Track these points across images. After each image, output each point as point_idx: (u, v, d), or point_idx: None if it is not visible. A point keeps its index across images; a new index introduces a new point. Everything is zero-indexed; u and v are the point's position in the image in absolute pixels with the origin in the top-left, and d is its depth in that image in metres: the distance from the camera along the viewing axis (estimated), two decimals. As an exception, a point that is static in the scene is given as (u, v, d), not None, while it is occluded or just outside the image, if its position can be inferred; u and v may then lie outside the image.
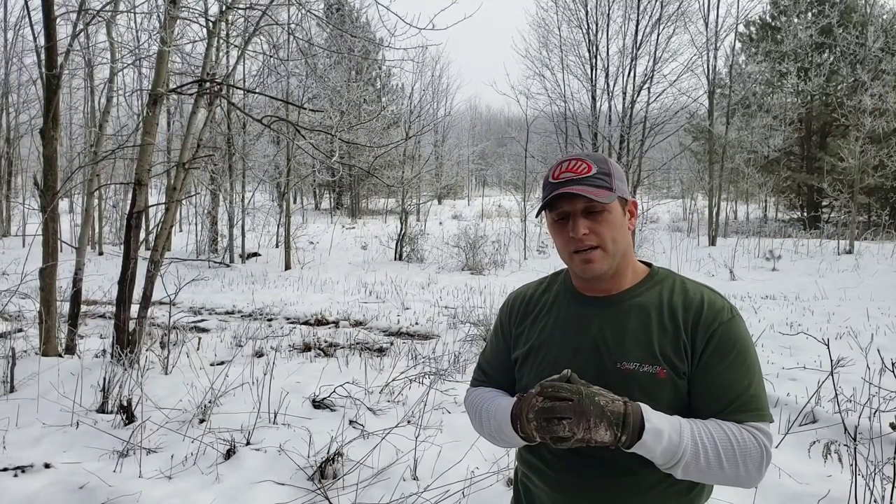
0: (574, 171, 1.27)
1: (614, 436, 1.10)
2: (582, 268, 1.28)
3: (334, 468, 3.28)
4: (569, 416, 1.09)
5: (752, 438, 1.18)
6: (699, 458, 1.14)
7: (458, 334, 6.92)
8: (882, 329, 7.03)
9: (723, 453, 1.15)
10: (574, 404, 1.09)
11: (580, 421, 1.09)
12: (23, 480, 3.18)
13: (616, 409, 1.11)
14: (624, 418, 1.11)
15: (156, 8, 8.55)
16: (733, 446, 1.16)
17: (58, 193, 5.60)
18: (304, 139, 9.05)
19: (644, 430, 1.11)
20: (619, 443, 1.12)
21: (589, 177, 1.26)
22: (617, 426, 1.10)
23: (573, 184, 1.25)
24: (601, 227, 1.26)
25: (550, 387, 1.12)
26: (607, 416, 1.09)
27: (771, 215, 26.16)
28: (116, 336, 5.21)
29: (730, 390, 1.21)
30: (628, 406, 1.12)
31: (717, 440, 1.16)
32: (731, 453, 1.15)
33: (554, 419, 1.10)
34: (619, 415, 1.10)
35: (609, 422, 1.09)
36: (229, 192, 15.17)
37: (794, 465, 3.30)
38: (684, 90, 18.76)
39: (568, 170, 1.28)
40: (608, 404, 1.10)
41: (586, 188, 1.24)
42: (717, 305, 1.27)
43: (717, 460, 1.15)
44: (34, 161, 18.84)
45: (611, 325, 1.29)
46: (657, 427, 1.12)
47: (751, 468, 1.17)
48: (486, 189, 51.24)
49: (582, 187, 1.24)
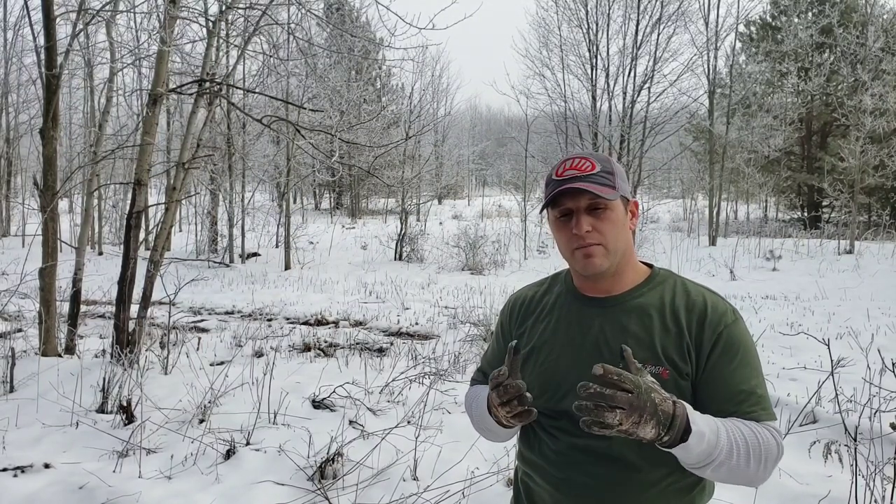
0: (578, 168, 1.27)
1: (658, 435, 1.07)
2: (583, 263, 1.28)
3: (334, 468, 3.28)
4: (623, 407, 1.03)
5: (771, 437, 1.19)
6: (731, 458, 1.13)
7: (458, 334, 6.91)
8: (882, 329, 7.02)
9: (752, 452, 1.15)
10: (633, 397, 1.04)
11: (632, 414, 1.04)
12: (22, 480, 3.18)
13: (667, 408, 1.07)
14: (672, 419, 1.07)
15: (156, 8, 8.53)
16: (760, 445, 1.17)
17: (57, 193, 5.60)
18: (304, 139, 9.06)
19: (690, 433, 1.08)
20: (660, 441, 1.09)
21: (593, 174, 1.26)
22: (663, 426, 1.07)
23: (577, 181, 1.25)
24: (604, 225, 1.26)
25: (616, 373, 1.05)
26: (658, 415, 1.06)
27: (771, 215, 26.16)
28: (116, 336, 5.20)
29: (740, 391, 1.23)
30: (677, 406, 1.09)
31: (748, 440, 1.16)
32: (758, 452, 1.16)
33: (605, 406, 1.04)
34: (668, 415, 1.07)
35: (658, 421, 1.06)
36: (229, 192, 15.17)
37: (794, 466, 3.30)
38: (684, 90, 18.79)
39: (572, 167, 1.28)
40: (661, 402, 1.06)
41: (591, 185, 1.25)
42: (721, 308, 1.28)
43: (746, 460, 1.15)
44: (34, 161, 18.82)
45: (612, 326, 1.29)
46: (701, 430, 1.10)
47: (769, 466, 1.18)
48: (486, 189, 51.23)
49: (586, 184, 1.25)
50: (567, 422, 1.29)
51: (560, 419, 1.31)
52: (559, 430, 1.31)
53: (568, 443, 1.29)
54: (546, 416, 1.33)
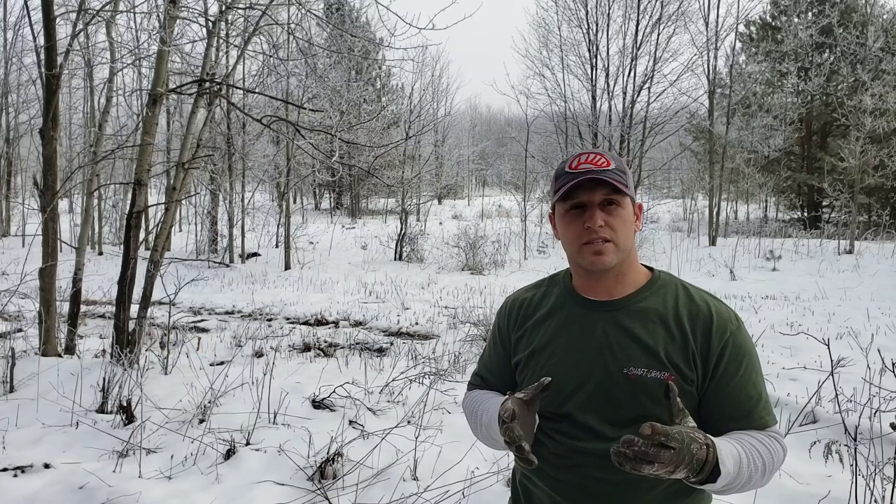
0: (594, 163, 1.26)
1: (686, 477, 1.06)
2: (591, 259, 1.26)
3: (334, 468, 3.28)
4: (664, 463, 1.01)
5: (778, 445, 1.22)
6: (750, 482, 1.16)
7: (458, 334, 6.91)
8: (882, 329, 7.02)
9: (766, 468, 1.18)
10: (674, 454, 1.02)
11: (668, 466, 1.02)
12: (22, 480, 3.18)
13: (701, 455, 1.05)
14: (703, 465, 1.06)
15: (156, 8, 8.54)
16: (773, 458, 1.19)
17: (57, 193, 5.60)
18: (303, 139, 9.05)
19: (718, 475, 1.08)
20: (687, 480, 1.08)
21: (608, 170, 1.25)
22: (693, 471, 1.05)
23: (595, 174, 1.25)
24: (616, 221, 1.26)
25: (664, 434, 1.01)
26: (692, 464, 1.04)
27: (771, 215, 26.15)
28: (116, 336, 5.20)
29: (748, 399, 1.24)
30: (710, 452, 1.07)
31: (763, 458, 1.18)
32: (771, 465, 1.19)
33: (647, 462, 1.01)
34: (701, 462, 1.06)
35: (690, 468, 1.05)
36: (229, 192, 15.17)
37: (794, 466, 3.30)
38: (684, 90, 18.81)
39: (587, 161, 1.27)
40: (698, 451, 1.05)
41: (609, 178, 1.24)
42: (725, 315, 1.28)
43: (760, 477, 1.17)
44: (34, 161, 18.82)
45: (616, 330, 1.28)
46: (728, 471, 1.10)
47: (775, 474, 1.22)
48: (486, 189, 51.21)
49: (605, 176, 1.24)
50: (567, 424, 1.29)
51: (560, 422, 1.30)
52: (559, 433, 1.30)
53: (568, 445, 1.28)
54: (546, 419, 1.33)
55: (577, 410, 1.27)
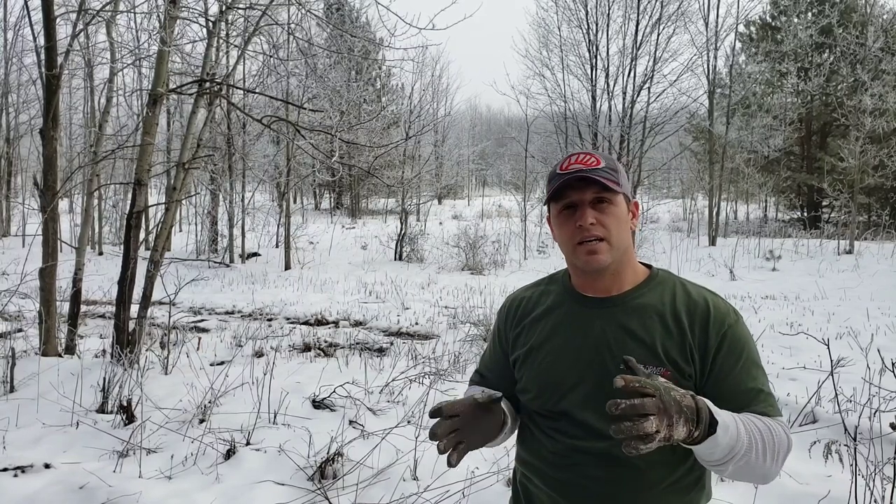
0: (583, 163, 1.28)
1: (689, 431, 1.03)
2: (586, 259, 1.27)
3: (334, 468, 3.28)
4: (653, 413, 0.98)
5: (782, 430, 1.19)
6: (751, 452, 1.12)
7: (458, 334, 6.92)
8: (882, 329, 7.02)
9: (768, 446, 1.14)
10: (658, 400, 0.99)
11: (664, 417, 0.99)
12: (23, 480, 3.18)
13: (689, 403, 1.03)
14: (698, 413, 1.04)
15: (156, 8, 8.55)
16: (773, 439, 1.16)
17: (58, 193, 5.60)
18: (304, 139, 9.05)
19: (716, 424, 1.06)
20: (691, 439, 1.05)
21: (598, 169, 1.27)
22: (692, 421, 1.03)
23: (584, 173, 1.26)
24: (608, 219, 1.26)
25: (636, 381, 1.00)
26: (684, 412, 1.02)
27: (771, 215, 26.15)
28: (116, 336, 5.21)
29: (747, 391, 1.23)
30: (697, 400, 1.05)
31: (763, 433, 1.15)
32: (772, 446, 1.15)
33: (642, 416, 0.98)
34: (693, 409, 1.03)
35: (686, 417, 1.02)
36: (229, 192, 15.17)
37: (794, 465, 3.30)
38: (684, 90, 18.75)
39: (577, 162, 1.29)
40: (682, 398, 1.03)
41: (597, 176, 1.25)
42: (723, 309, 1.28)
43: (763, 453, 1.13)
44: (34, 161, 18.82)
45: (613, 327, 1.29)
46: (725, 422, 1.07)
47: (780, 460, 1.18)
48: (486, 189, 51.22)
49: (594, 175, 1.25)
50: (566, 423, 1.29)
51: (559, 420, 1.30)
52: (557, 432, 1.30)
53: (567, 444, 1.28)
54: (544, 418, 1.33)
55: (575, 408, 1.28)
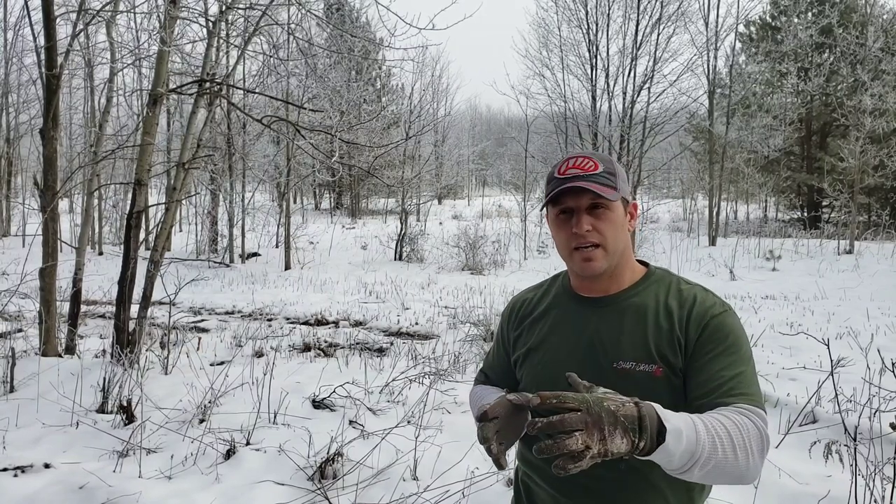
0: (581, 167, 1.27)
1: (631, 443, 0.95)
2: (581, 265, 1.28)
3: (334, 468, 3.28)
4: (580, 428, 0.92)
5: (747, 420, 1.10)
6: (716, 452, 1.03)
7: (458, 334, 6.92)
8: (882, 329, 7.02)
9: (735, 442, 1.06)
10: (583, 414, 0.93)
11: (593, 431, 0.92)
12: (23, 480, 3.18)
13: (628, 412, 0.96)
14: (639, 422, 0.96)
15: (156, 8, 8.55)
16: (742, 434, 1.08)
17: (58, 193, 5.60)
18: (304, 139, 9.05)
19: (665, 432, 0.97)
20: (637, 450, 0.97)
21: (595, 174, 1.26)
22: (633, 431, 0.95)
23: (580, 180, 1.25)
24: (604, 225, 1.26)
25: (553, 396, 0.95)
26: (621, 422, 0.94)
27: (771, 215, 26.16)
28: (116, 336, 5.21)
29: (719, 376, 1.18)
30: (641, 407, 0.98)
31: (728, 429, 1.06)
32: (740, 440, 1.07)
33: (563, 433, 0.92)
34: (633, 418, 0.96)
35: (624, 428, 0.94)
36: (229, 192, 15.17)
37: (794, 465, 3.30)
38: (684, 90, 18.75)
39: (574, 166, 1.28)
40: (619, 408, 0.95)
41: (593, 184, 1.24)
42: (709, 301, 1.28)
43: (732, 451, 1.05)
44: (34, 161, 18.83)
45: (606, 325, 1.30)
46: (677, 427, 0.99)
47: (755, 455, 1.08)
48: (486, 189, 51.23)
49: (589, 183, 1.25)
50: None
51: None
52: None
53: None
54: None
55: None
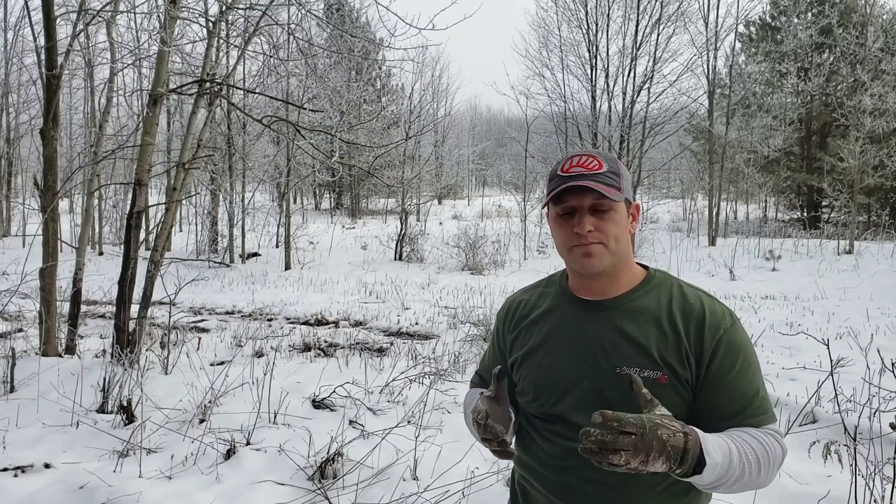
0: (585, 166, 1.25)
1: (669, 468, 1.05)
2: (581, 262, 1.26)
3: (334, 468, 3.29)
4: (628, 450, 1.01)
5: (776, 442, 1.20)
6: (743, 476, 1.13)
7: (458, 334, 6.92)
8: (882, 329, 7.03)
9: (762, 465, 1.16)
10: (636, 439, 1.01)
11: (637, 455, 1.01)
12: (23, 480, 3.18)
13: (677, 443, 1.04)
14: (683, 454, 1.05)
15: (156, 8, 8.55)
16: (768, 455, 1.17)
17: (58, 193, 5.60)
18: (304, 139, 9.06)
19: (703, 465, 1.06)
20: (672, 473, 1.07)
21: (600, 174, 1.24)
22: (674, 460, 1.04)
23: (584, 178, 1.23)
24: (606, 225, 1.24)
25: (615, 419, 1.02)
26: (667, 451, 1.03)
27: (771, 215, 26.16)
28: (116, 336, 5.21)
29: (743, 396, 1.22)
30: (689, 440, 1.06)
31: (758, 454, 1.16)
32: (767, 462, 1.16)
33: (609, 451, 1.01)
34: (679, 450, 1.04)
35: (668, 456, 1.03)
36: (229, 192, 15.17)
37: (794, 465, 3.30)
38: (684, 90, 18.78)
39: (579, 164, 1.26)
40: (670, 437, 1.03)
41: (597, 184, 1.22)
42: (719, 312, 1.27)
43: (756, 473, 1.15)
44: (34, 161, 18.84)
45: (609, 330, 1.28)
46: (715, 461, 1.08)
47: (775, 471, 1.19)
48: (486, 189, 51.23)
49: (593, 182, 1.23)
50: (562, 426, 1.29)
51: (555, 423, 1.30)
52: (554, 434, 1.30)
53: (563, 446, 1.28)
54: (541, 420, 1.33)
55: (571, 411, 1.27)
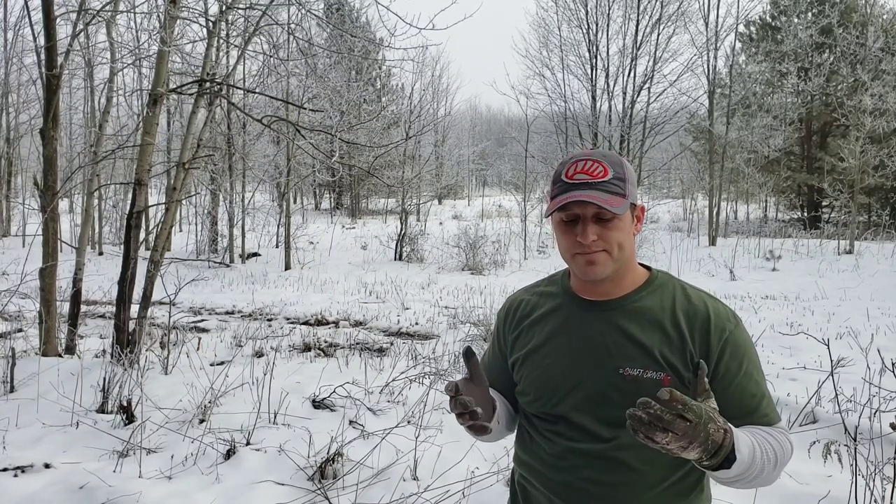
0: (590, 173, 1.23)
1: (699, 458, 1.06)
2: (584, 270, 1.25)
3: (334, 468, 3.28)
4: (676, 433, 1.01)
5: (786, 440, 1.24)
6: (762, 473, 1.16)
7: (458, 334, 6.92)
8: (882, 329, 7.02)
9: (779, 461, 1.19)
10: (690, 426, 1.01)
11: (682, 440, 1.01)
12: (23, 480, 3.18)
13: (717, 438, 1.05)
14: (719, 449, 1.06)
15: (156, 8, 8.54)
16: (783, 451, 1.21)
17: (58, 193, 5.60)
18: (304, 139, 9.06)
19: (733, 461, 1.08)
20: (699, 463, 1.08)
21: (604, 181, 1.22)
22: (708, 453, 1.05)
23: (588, 188, 1.21)
24: (610, 234, 1.23)
25: (682, 402, 1.01)
26: (707, 444, 1.04)
27: (771, 215, 26.16)
28: (116, 336, 5.21)
29: (752, 397, 1.25)
30: (727, 437, 1.07)
31: (776, 451, 1.19)
32: (782, 459, 1.20)
33: (660, 427, 1.00)
34: (716, 444, 1.05)
35: (705, 448, 1.04)
36: (229, 192, 15.17)
37: (794, 465, 3.29)
38: (684, 90, 18.83)
39: (583, 171, 1.24)
40: (714, 432, 1.04)
41: (601, 195, 1.20)
42: (723, 314, 1.27)
43: (772, 470, 1.18)
44: (34, 161, 18.83)
45: (611, 330, 1.27)
46: (743, 459, 1.09)
47: (782, 469, 1.23)
48: (486, 189, 51.22)
49: (597, 193, 1.20)
50: (563, 426, 1.28)
51: (556, 423, 1.30)
52: (555, 434, 1.30)
53: (564, 447, 1.28)
54: (542, 420, 1.33)
55: (573, 411, 1.27)
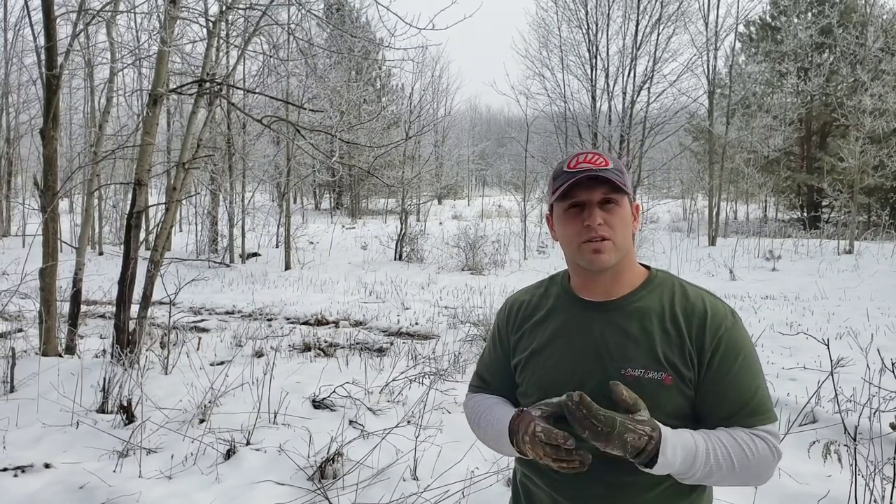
0: (592, 162, 1.27)
1: (624, 455, 1.13)
2: (590, 258, 1.26)
3: (334, 468, 3.29)
4: (591, 433, 1.10)
5: (763, 445, 1.21)
6: (712, 475, 1.18)
7: (458, 334, 6.92)
8: (882, 329, 7.03)
9: (739, 466, 1.18)
10: (601, 433, 1.10)
11: (597, 440, 1.10)
12: (23, 480, 3.18)
13: (637, 445, 1.11)
14: (640, 453, 1.12)
15: (156, 8, 8.54)
16: (748, 457, 1.19)
17: (58, 193, 5.60)
18: (304, 139, 9.06)
19: (654, 465, 1.13)
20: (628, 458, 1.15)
21: (607, 169, 1.26)
22: (629, 455, 1.12)
23: (594, 173, 1.25)
24: (614, 220, 1.26)
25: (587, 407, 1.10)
26: (626, 447, 1.11)
27: (771, 215, 26.17)
28: (116, 336, 5.21)
29: (739, 396, 1.23)
30: (651, 444, 1.12)
31: (732, 456, 1.18)
32: (745, 464, 1.19)
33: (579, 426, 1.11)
34: (637, 448, 1.11)
35: (624, 451, 1.11)
36: (229, 192, 15.17)
37: (793, 465, 3.30)
38: (684, 90, 18.79)
39: (586, 161, 1.28)
40: (634, 440, 1.11)
41: (608, 174, 1.25)
42: (720, 312, 1.27)
43: (730, 473, 1.19)
44: (34, 161, 18.82)
45: (612, 331, 1.28)
46: (668, 462, 1.13)
47: (763, 472, 1.22)
48: (486, 189, 51.23)
49: (603, 174, 1.25)
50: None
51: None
52: None
53: None
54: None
55: None
